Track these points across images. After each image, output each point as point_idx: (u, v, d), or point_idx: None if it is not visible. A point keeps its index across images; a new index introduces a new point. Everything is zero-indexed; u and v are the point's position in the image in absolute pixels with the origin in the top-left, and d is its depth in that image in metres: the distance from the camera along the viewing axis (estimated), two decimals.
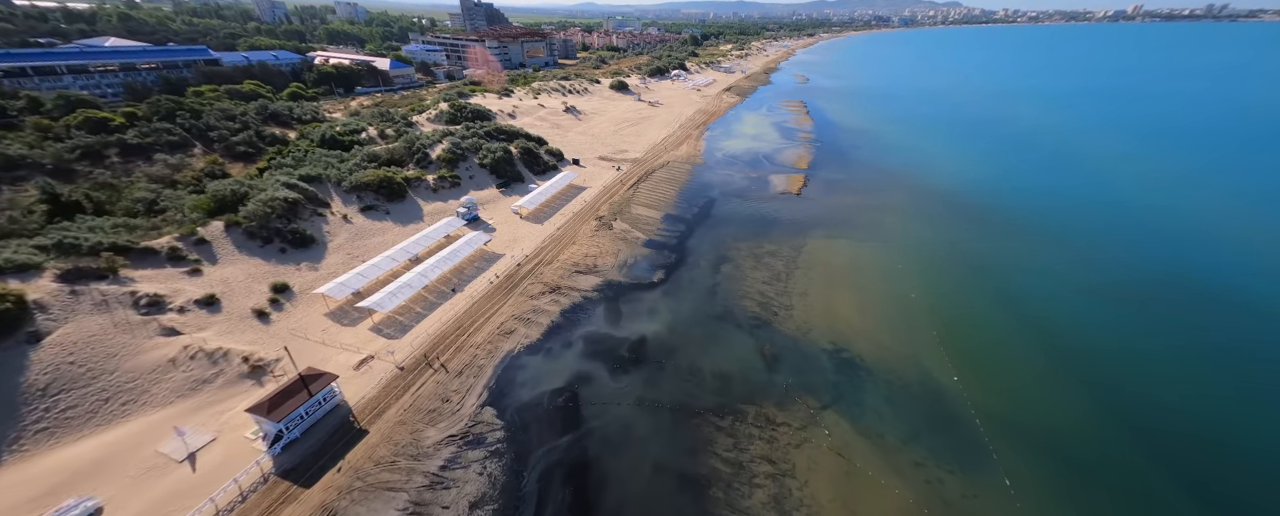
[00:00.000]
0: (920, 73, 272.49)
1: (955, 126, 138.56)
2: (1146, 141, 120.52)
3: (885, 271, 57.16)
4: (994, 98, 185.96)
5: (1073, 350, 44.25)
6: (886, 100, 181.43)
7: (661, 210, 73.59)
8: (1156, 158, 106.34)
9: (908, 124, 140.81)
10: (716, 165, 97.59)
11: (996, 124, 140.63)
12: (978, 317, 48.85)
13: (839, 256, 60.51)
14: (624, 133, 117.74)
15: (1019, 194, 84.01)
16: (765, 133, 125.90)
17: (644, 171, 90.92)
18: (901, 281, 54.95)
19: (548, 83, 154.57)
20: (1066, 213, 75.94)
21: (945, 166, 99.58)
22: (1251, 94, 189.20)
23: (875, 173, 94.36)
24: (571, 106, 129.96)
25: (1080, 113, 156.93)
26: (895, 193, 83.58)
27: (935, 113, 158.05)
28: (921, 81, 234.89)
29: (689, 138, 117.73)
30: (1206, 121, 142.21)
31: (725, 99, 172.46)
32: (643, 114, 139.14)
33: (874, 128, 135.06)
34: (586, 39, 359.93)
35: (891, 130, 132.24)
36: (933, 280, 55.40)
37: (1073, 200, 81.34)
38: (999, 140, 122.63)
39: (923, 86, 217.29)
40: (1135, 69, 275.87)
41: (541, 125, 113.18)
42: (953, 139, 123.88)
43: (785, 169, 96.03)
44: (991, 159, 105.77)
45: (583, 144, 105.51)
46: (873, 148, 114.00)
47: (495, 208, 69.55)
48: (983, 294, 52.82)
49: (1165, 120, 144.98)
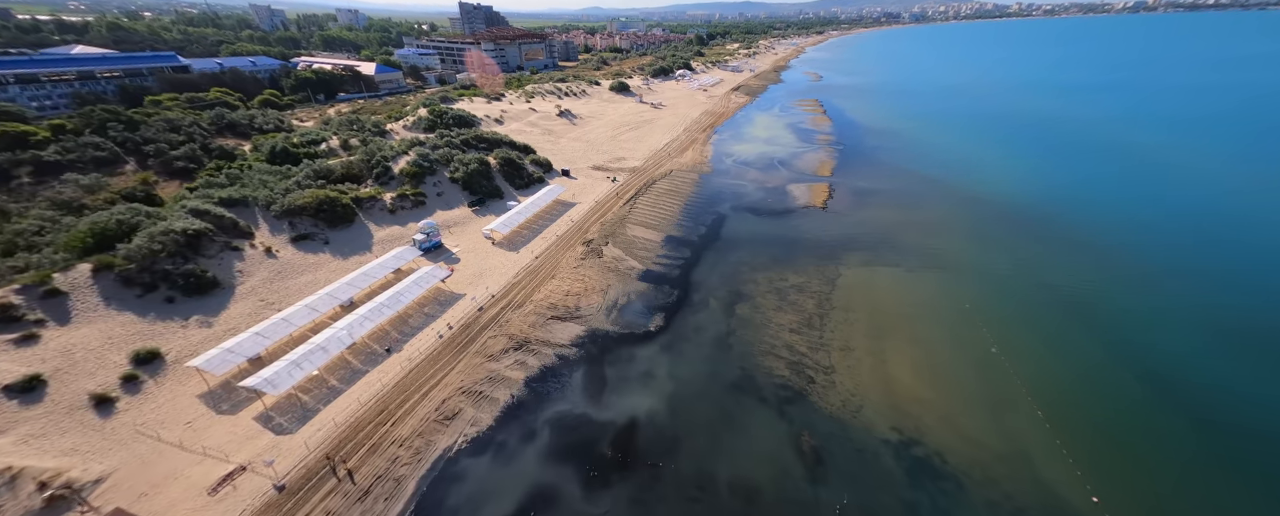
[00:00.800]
0: (937, 68, 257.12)
1: (987, 123, 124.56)
2: (1211, 136, 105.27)
3: (948, 312, 44.54)
4: (1020, 92, 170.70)
5: (1249, 431, 31.29)
6: (906, 96, 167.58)
7: (662, 230, 61.73)
8: (1235, 157, 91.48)
9: (934, 121, 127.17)
10: (726, 173, 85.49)
11: (1032, 120, 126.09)
12: (1094, 386, 35.94)
13: (885, 291, 47.99)
14: (622, 138, 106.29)
15: (1087, 204, 70.31)
16: (779, 135, 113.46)
17: (644, 182, 79.23)
18: (972, 327, 42.30)
19: (543, 85, 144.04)
20: (1154, 228, 62.31)
21: (988, 170, 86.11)
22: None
23: (909, 178, 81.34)
24: (566, 110, 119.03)
25: (1123, 105, 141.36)
26: (937, 203, 70.64)
27: (961, 108, 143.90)
28: (940, 77, 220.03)
29: (695, 142, 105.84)
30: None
31: (734, 99, 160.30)
32: (644, 117, 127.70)
33: (898, 126, 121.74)
34: (589, 41, 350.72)
35: (918, 129, 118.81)
36: (1013, 325, 42.63)
37: (1158, 212, 67.49)
38: (1040, 138, 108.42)
39: (942, 82, 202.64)
40: (1169, 59, 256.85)
41: (531, 131, 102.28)
42: (988, 137, 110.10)
43: (805, 177, 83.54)
44: (1039, 160, 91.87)
45: (575, 151, 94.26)
46: (901, 149, 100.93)
47: (464, 231, 58.31)
48: (1088, 347, 39.87)
49: (1225, 112, 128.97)
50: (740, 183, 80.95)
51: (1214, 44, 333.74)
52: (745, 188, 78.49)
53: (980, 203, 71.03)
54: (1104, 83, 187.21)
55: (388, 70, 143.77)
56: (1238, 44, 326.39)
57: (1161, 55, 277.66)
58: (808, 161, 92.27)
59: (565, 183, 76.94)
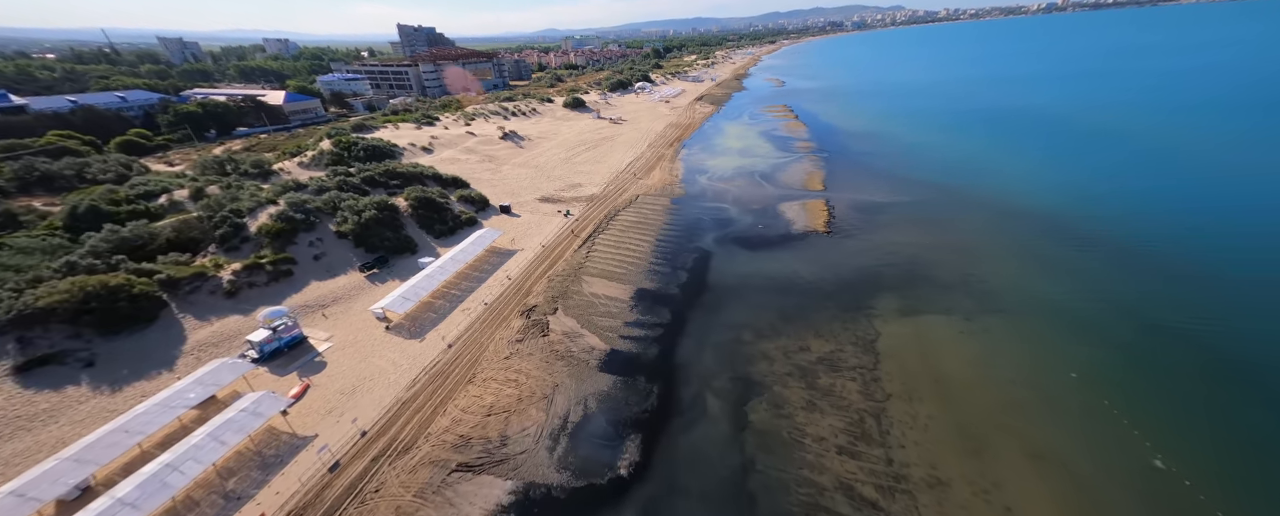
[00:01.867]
0: (891, 68, 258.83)
1: (964, 119, 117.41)
2: (1217, 117, 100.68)
3: (1056, 391, 30.78)
4: (983, 85, 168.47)
5: None
6: (873, 97, 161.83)
7: (630, 282, 46.25)
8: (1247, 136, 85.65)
9: (910, 120, 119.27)
10: (702, 195, 71.52)
11: (1007, 113, 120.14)
12: None
13: (949, 357, 34.01)
14: (578, 160, 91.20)
15: (1125, 201, 60.12)
16: (755, 145, 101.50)
17: (604, 214, 63.99)
18: (1104, 418, 28.56)
19: (486, 105, 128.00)
20: (1217, 223, 52.07)
21: (995, 169, 76.01)
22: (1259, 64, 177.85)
23: (914, 187, 69.74)
24: (511, 132, 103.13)
25: (1093, 93, 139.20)
26: (958, 216, 58.69)
27: (931, 106, 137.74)
28: (897, 76, 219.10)
29: (662, 159, 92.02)
30: (1245, 93, 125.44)
31: (699, 109, 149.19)
32: (603, 134, 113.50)
33: (876, 128, 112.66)
34: (543, 59, 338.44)
35: (897, 129, 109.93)
36: (1157, 406, 29.17)
37: (1206, 201, 57.69)
38: (1030, 130, 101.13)
39: (901, 81, 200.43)
40: (1107, 50, 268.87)
41: (466, 160, 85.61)
42: (974, 134, 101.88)
43: (795, 192, 70.62)
44: (1042, 153, 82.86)
45: (521, 181, 78.20)
46: (891, 153, 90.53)
47: (348, 312, 40.79)
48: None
49: (1205, 95, 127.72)
50: (720, 205, 67.01)
51: (1132, 34, 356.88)
52: (727, 211, 64.52)
53: (1008, 211, 59.50)
54: (1054, 72, 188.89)
55: (301, 99, 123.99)
56: (1156, 33, 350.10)
57: (1088, 47, 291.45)
58: (794, 174, 79.76)
59: (505, 222, 60.60)
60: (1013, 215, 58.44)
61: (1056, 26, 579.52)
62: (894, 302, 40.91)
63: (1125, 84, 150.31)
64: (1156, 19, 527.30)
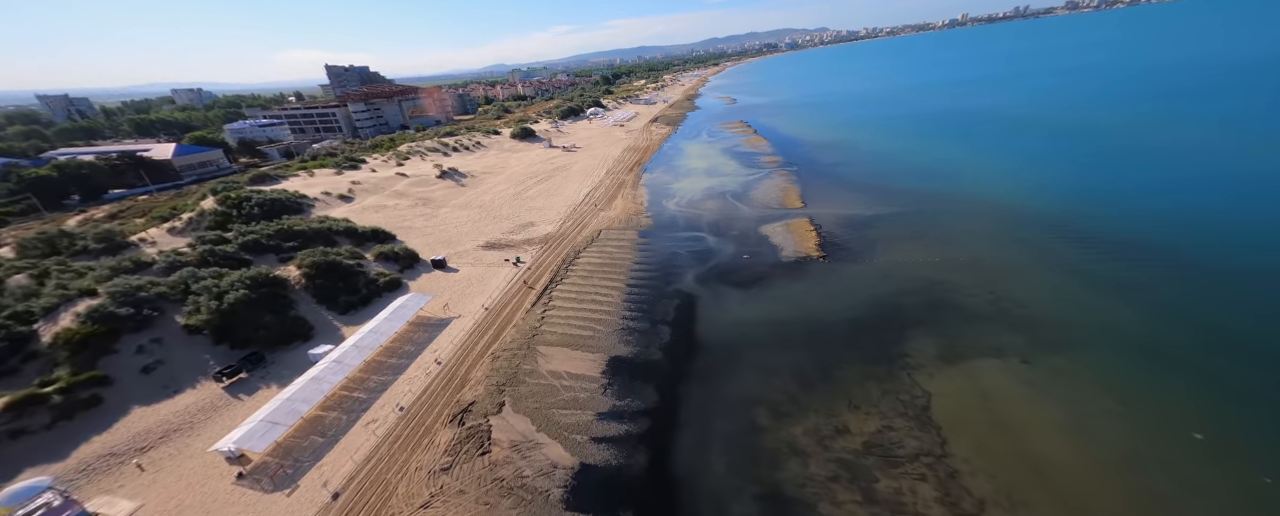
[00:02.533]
0: (831, 81, 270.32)
1: (918, 123, 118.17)
2: (1168, 104, 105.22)
3: (1182, 466, 22.83)
4: (920, 91, 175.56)
5: None
6: (825, 108, 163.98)
7: (600, 349, 35.92)
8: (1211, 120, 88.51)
9: (867, 128, 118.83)
10: (673, 224, 63.03)
11: (958, 115, 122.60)
12: None
13: (1031, 426, 25.71)
14: (530, 194, 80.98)
15: (1140, 198, 57.18)
16: (720, 163, 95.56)
17: (562, 258, 53.75)
18: (1263, 498, 20.84)
19: (422, 143, 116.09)
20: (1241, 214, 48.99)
21: (975, 171, 72.65)
22: (1149, 56, 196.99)
23: (900, 196, 64.58)
24: (451, 169, 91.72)
25: (1021, 92, 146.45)
26: (958, 225, 53.09)
27: (881, 113, 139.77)
28: (839, 87, 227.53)
29: (623, 186, 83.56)
30: (1185, 80, 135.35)
31: (656, 131, 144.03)
32: (555, 163, 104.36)
33: (837, 137, 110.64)
34: (490, 93, 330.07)
35: (858, 137, 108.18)
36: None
37: (1209, 191, 55.30)
38: (990, 131, 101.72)
39: (844, 91, 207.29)
40: (1007, 55, 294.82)
41: (396, 206, 73.27)
42: (936, 136, 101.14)
43: (775, 212, 63.59)
44: (1016, 153, 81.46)
45: (461, 225, 66.79)
46: (859, 161, 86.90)
47: (181, 453, 27.53)
48: None
49: (1113, 86, 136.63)
50: (695, 234, 58.59)
51: (1023, 41, 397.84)
52: (704, 241, 56.09)
53: (1005, 215, 54.51)
54: (976, 76, 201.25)
55: (197, 150, 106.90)
56: (1040, 39, 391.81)
57: (990, 53, 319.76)
58: (767, 191, 73.29)
59: (438, 282, 48.92)
60: (1012, 219, 53.48)
61: (958, 39, 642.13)
62: (929, 345, 32.93)
63: (1043, 83, 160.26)
64: (1040, 29, 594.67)
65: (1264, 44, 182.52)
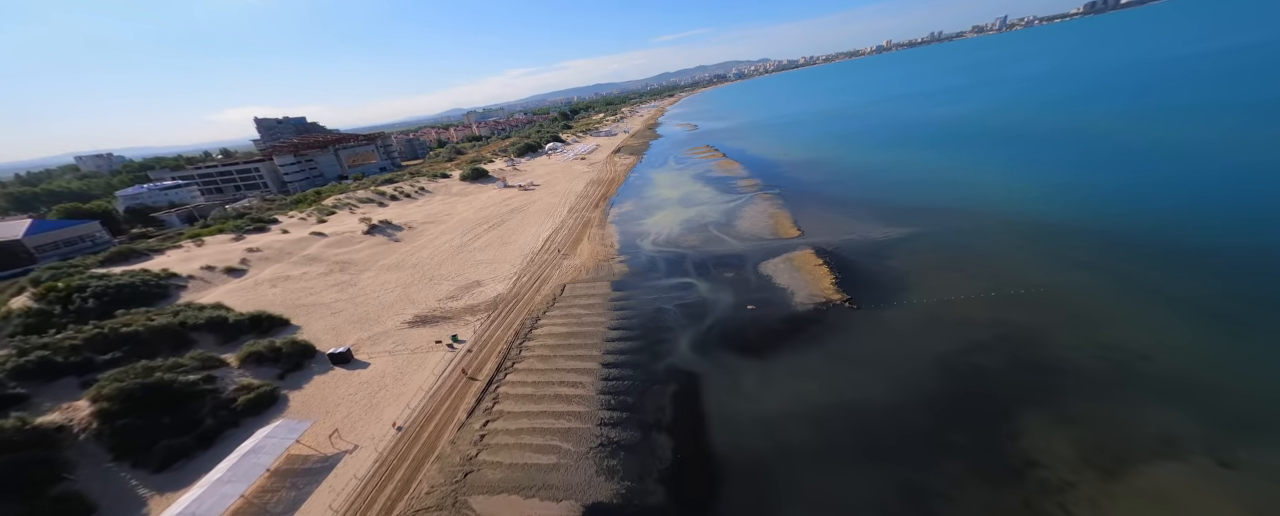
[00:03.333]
0: (787, 103, 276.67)
1: (890, 135, 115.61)
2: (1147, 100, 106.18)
3: None
4: (879, 106, 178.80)
5: None
6: (790, 127, 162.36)
7: (570, 492, 23.02)
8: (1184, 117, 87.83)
9: (839, 143, 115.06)
10: (652, 268, 51.64)
11: (926, 124, 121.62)
12: None
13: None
14: (478, 245, 68.06)
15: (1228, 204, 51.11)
16: (694, 191, 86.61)
17: (516, 328, 40.87)
18: None
19: (354, 193, 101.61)
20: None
21: (976, 180, 66.28)
22: (1100, 59, 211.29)
23: (903, 214, 56.37)
24: (383, 222, 77.59)
25: (981, 99, 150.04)
26: (995, 245, 44.44)
27: (848, 128, 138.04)
28: (797, 108, 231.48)
29: (589, 225, 72.28)
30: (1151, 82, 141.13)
31: (619, 161, 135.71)
32: (511, 204, 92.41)
33: (811, 154, 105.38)
34: (443, 135, 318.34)
35: (834, 153, 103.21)
36: None
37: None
38: (969, 140, 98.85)
39: (803, 110, 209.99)
40: (951, 68, 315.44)
41: (303, 276, 58.38)
42: (914, 147, 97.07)
43: (770, 242, 53.69)
44: (1008, 158, 76.91)
45: (386, 293, 52.71)
46: (844, 177, 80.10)
47: None
48: None
49: (1078, 90, 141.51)
50: (681, 280, 47.35)
51: (959, 56, 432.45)
52: (694, 288, 44.83)
53: (1045, 230, 46.28)
54: (927, 89, 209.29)
55: (63, 225, 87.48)
56: (977, 54, 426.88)
57: (932, 68, 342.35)
58: (754, 219, 63.90)
59: (333, 387, 34.64)
60: (1050, 234, 45.45)
61: (888, 61, 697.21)
62: (1057, 440, 22.20)
63: (998, 90, 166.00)
64: (957, 49, 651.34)
65: (1200, 40, 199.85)
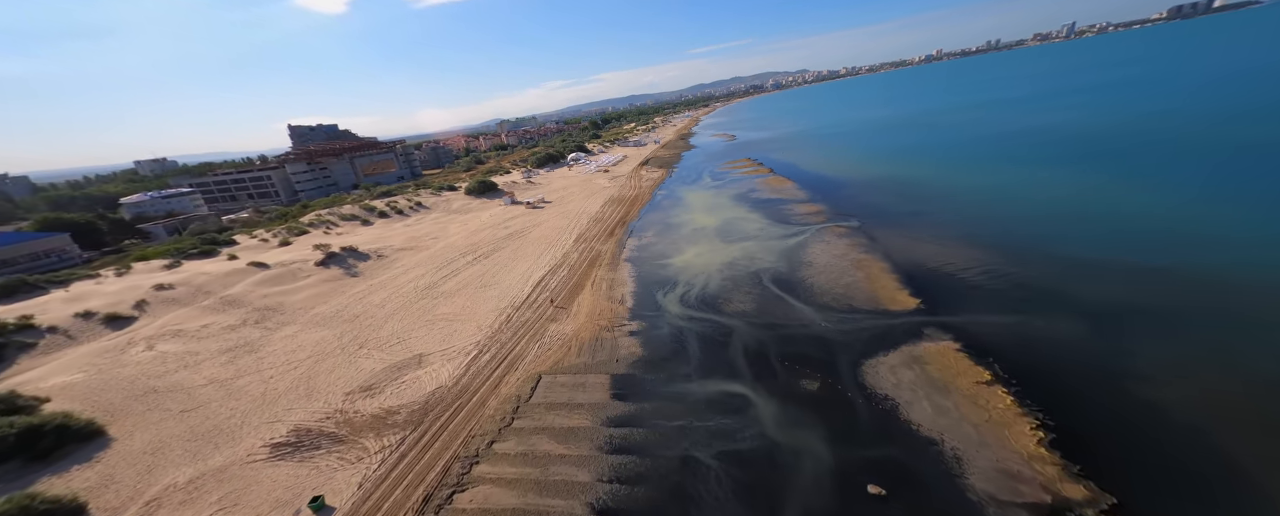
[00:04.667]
0: (834, 112, 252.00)
1: (979, 149, 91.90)
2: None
3: None
4: (958, 114, 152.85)
5: None
6: (846, 138, 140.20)
7: None
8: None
9: (924, 157, 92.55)
10: (677, 349, 32.47)
11: (1026, 135, 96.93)
12: None
13: None
14: (447, 288, 51.38)
15: None
16: (737, 217, 67.21)
17: (435, 478, 22.89)
18: None
19: (340, 208, 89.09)
20: None
21: (1152, 213, 43.99)
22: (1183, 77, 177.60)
23: (1120, 279, 34.50)
24: (347, 249, 62.77)
25: (1092, 109, 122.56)
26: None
27: (929, 140, 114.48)
28: (851, 116, 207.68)
29: (597, 263, 54.33)
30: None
31: (646, 175, 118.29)
32: (512, 227, 76.38)
33: (888, 172, 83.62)
34: (472, 144, 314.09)
35: (921, 170, 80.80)
36: None
37: None
38: (1092, 155, 74.74)
39: (860, 119, 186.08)
40: (1029, 76, 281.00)
41: (199, 333, 43.26)
42: (1020, 165, 73.67)
43: (871, 321, 33.33)
44: (1175, 179, 53.49)
45: (280, 376, 36.36)
46: (956, 207, 57.66)
47: None
48: None
49: (1195, 100, 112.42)
50: (726, 388, 27.81)
51: (1025, 65, 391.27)
52: (750, 410, 25.15)
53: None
54: (1001, 99, 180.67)
55: (27, 238, 79.22)
56: (1041, 62, 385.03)
57: (999, 78, 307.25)
58: (832, 269, 43.63)
59: None
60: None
61: (942, 70, 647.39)
62: None
63: (1100, 98, 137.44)
64: (1021, 57, 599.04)
65: None
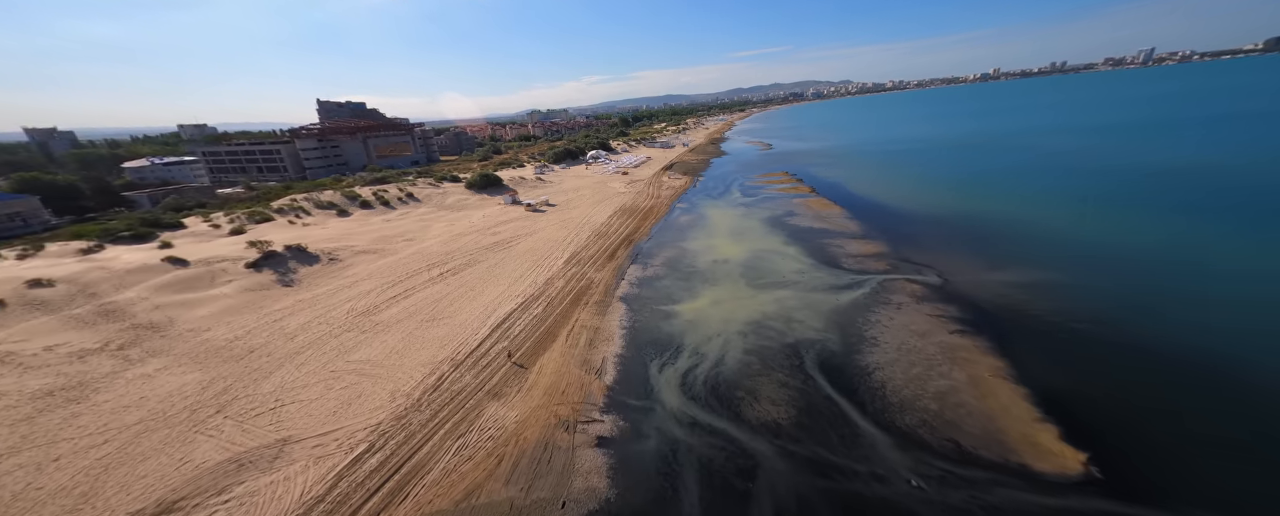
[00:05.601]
0: (887, 127, 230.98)
1: (1076, 181, 74.32)
2: None
3: None
4: (1043, 138, 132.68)
5: None
6: (902, 157, 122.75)
7: None
8: None
9: (1010, 186, 75.93)
10: (666, 485, 19.72)
11: (1137, 173, 78.39)
12: None
13: None
14: (385, 318, 40.03)
15: None
16: (770, 250, 53.29)
17: None
18: None
19: (322, 193, 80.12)
20: None
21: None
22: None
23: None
24: (294, 249, 52.56)
25: (1192, 142, 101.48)
26: None
27: (1010, 164, 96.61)
28: (904, 132, 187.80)
29: (581, 301, 41.74)
30: None
31: (667, 182, 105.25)
32: (501, 235, 65.07)
33: (966, 205, 67.43)
34: (497, 132, 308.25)
35: (1017, 207, 64.11)
36: None
37: None
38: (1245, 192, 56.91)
39: (917, 137, 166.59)
40: (1125, 101, 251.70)
41: (36, 359, 33.39)
42: (1152, 209, 56.82)
43: (1008, 495, 19.77)
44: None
45: (80, 454, 25.70)
46: (1097, 264, 42.15)
47: None
48: None
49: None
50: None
51: (1098, 89, 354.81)
52: None
53: None
54: (1115, 123, 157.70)
55: (8, 198, 73.50)
56: (1119, 88, 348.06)
57: (1076, 101, 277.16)
58: (913, 357, 29.51)
59: None
60: None
61: (1007, 90, 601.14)
62: None
63: (1220, 134, 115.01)
64: (1091, 82, 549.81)
65: None
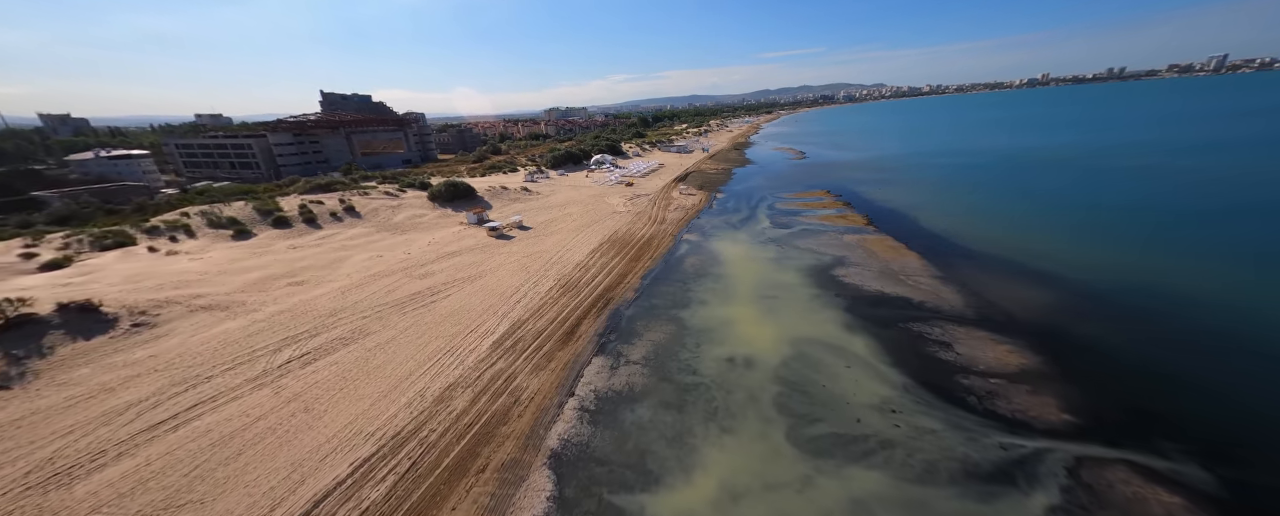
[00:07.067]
0: (940, 135, 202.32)
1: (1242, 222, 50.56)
2: None
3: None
4: (1127, 153, 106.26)
5: None
6: (968, 173, 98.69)
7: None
8: None
9: (1140, 222, 52.94)
10: None
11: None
12: None
13: None
14: (128, 466, 21.89)
15: None
16: (814, 333, 32.44)
17: None
18: None
19: (233, 202, 63.76)
20: None
21: None
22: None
23: None
24: (77, 306, 35.65)
25: None
26: None
27: (1128, 192, 72.77)
28: (963, 143, 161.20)
29: (488, 452, 22.13)
30: None
31: (678, 199, 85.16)
32: (433, 278, 46.68)
33: (1090, 260, 45.16)
34: (508, 129, 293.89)
35: (1158, 265, 42.30)
36: None
37: None
38: None
39: (983, 149, 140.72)
40: (1169, 117, 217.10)
41: None
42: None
43: None
44: None
45: None
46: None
47: None
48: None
49: None
50: None
51: (1156, 100, 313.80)
52: None
53: None
54: (1171, 141, 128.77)
55: None
56: (1176, 100, 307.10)
57: (1148, 113, 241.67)
58: None
59: None
60: None
61: (1051, 97, 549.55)
62: None
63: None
64: (1154, 90, 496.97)
65: None
